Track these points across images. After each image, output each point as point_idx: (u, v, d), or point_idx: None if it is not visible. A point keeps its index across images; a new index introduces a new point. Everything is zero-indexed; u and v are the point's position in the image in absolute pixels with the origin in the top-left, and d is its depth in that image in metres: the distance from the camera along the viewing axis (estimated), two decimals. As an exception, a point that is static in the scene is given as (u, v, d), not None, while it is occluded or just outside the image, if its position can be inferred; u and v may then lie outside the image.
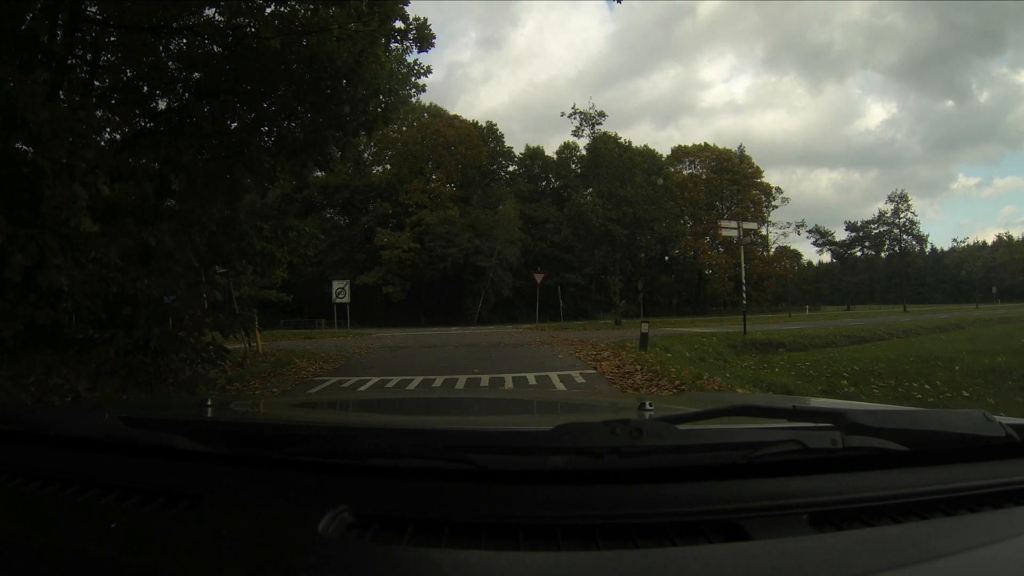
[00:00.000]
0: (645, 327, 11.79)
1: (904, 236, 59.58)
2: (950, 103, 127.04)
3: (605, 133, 31.04)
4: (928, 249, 67.80)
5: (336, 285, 26.14)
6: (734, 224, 18.15)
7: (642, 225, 30.64)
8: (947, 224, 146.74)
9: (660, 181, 29.90)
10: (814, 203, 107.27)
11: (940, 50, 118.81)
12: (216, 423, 1.12)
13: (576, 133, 30.78)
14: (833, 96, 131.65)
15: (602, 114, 30.86)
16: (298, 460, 0.87)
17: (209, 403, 1.28)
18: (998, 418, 0.91)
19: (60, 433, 1.02)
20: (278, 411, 1.75)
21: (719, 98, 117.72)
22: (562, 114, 30.67)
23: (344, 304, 25.87)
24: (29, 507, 0.86)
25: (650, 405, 1.20)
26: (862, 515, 0.77)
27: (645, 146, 54.95)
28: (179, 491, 0.84)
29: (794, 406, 0.91)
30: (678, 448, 0.82)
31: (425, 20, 7.85)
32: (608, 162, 30.54)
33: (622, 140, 32.45)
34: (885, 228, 59.98)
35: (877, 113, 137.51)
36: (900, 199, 59.93)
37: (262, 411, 1.72)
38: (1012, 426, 0.90)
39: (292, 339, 21.46)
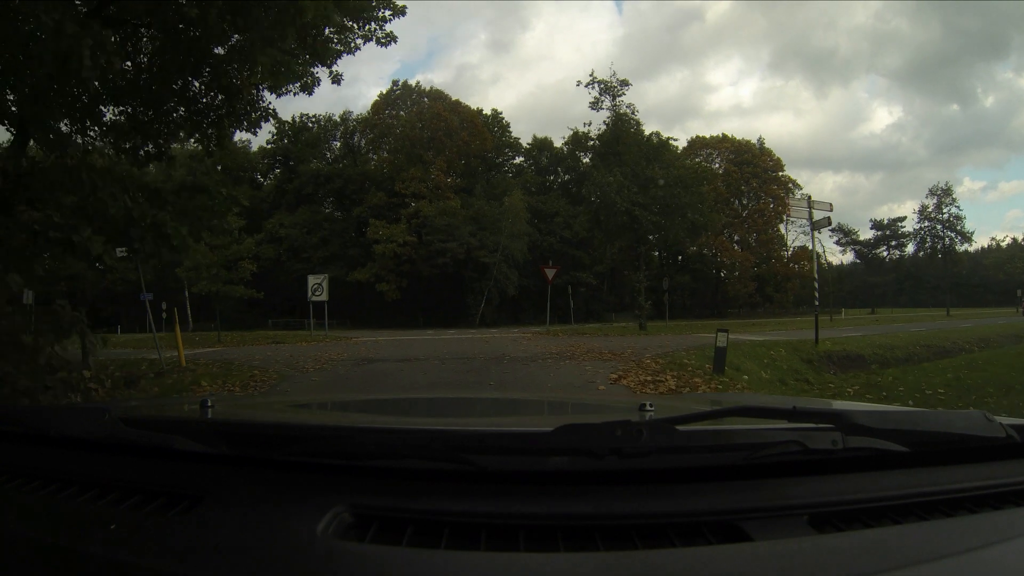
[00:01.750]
0: (722, 339, 7.97)
1: (948, 233, 54.75)
2: (955, 107, 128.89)
3: (630, 105, 26.89)
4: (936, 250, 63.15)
5: (312, 280, 22.52)
6: (804, 204, 14.31)
7: (673, 212, 26.43)
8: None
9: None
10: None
11: (945, 54, 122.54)
12: (216, 423, 1.10)
13: (594, 105, 26.56)
14: (839, 100, 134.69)
15: (625, 83, 26.58)
16: (298, 461, 0.88)
17: (209, 403, 1.27)
18: (998, 419, 0.92)
19: (60, 434, 1.03)
20: (278, 412, 1.75)
21: (725, 101, 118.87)
22: (578, 83, 26.46)
23: (322, 303, 21.98)
24: (29, 507, 0.88)
25: (650, 406, 1.19)
26: (863, 516, 0.79)
27: (657, 132, 51.35)
28: (179, 491, 0.86)
29: (794, 407, 0.92)
30: (679, 449, 0.83)
31: None
32: (631, 140, 26.36)
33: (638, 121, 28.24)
34: (927, 224, 55.22)
35: (882, 117, 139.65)
36: (944, 193, 55.12)
37: (262, 412, 1.71)
38: (1012, 426, 0.91)
39: (257, 343, 19.13)
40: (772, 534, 0.73)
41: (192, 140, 9.17)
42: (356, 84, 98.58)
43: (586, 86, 26.34)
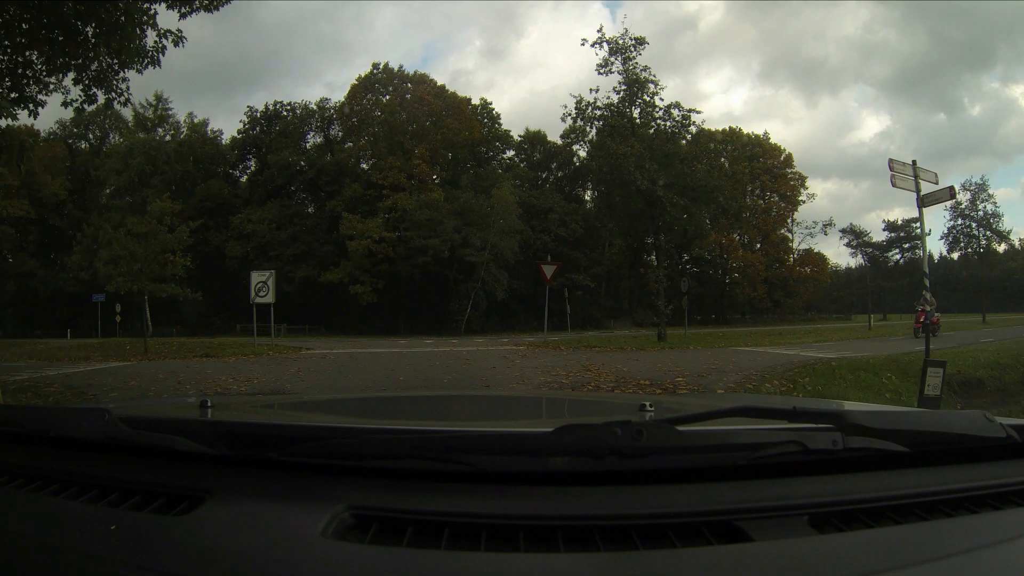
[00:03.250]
0: (936, 380, 3.95)
1: (984, 232, 50.65)
2: (942, 116, 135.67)
3: (646, 68, 22.47)
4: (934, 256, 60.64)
5: (255, 278, 18.71)
6: (909, 172, 10.34)
7: (700, 196, 22.08)
8: (940, 233, 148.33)
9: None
10: (807, 213, 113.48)
11: (932, 65, 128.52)
12: (216, 424, 1.14)
13: (602, 69, 22.12)
14: (828, 109, 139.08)
15: (641, 41, 22.25)
16: (298, 461, 0.91)
17: (209, 404, 1.31)
18: (999, 419, 0.95)
19: (60, 434, 1.05)
20: (278, 412, 1.79)
21: (716, 109, 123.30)
22: (583, 42, 21.70)
23: (267, 305, 17.82)
24: (29, 508, 0.90)
25: (650, 406, 1.22)
26: (863, 516, 0.81)
27: (678, 103, 48.30)
28: (179, 492, 0.88)
29: (795, 407, 0.94)
30: (679, 449, 0.86)
31: None
32: (648, 108, 22.00)
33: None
34: (960, 223, 51.08)
35: (871, 125, 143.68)
36: (978, 188, 50.76)
37: (262, 412, 1.74)
38: (1013, 426, 0.93)
39: (183, 356, 16.17)
40: (772, 534, 0.74)
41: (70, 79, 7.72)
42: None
43: (592, 45, 22.03)
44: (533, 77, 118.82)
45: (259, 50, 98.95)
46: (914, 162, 10.82)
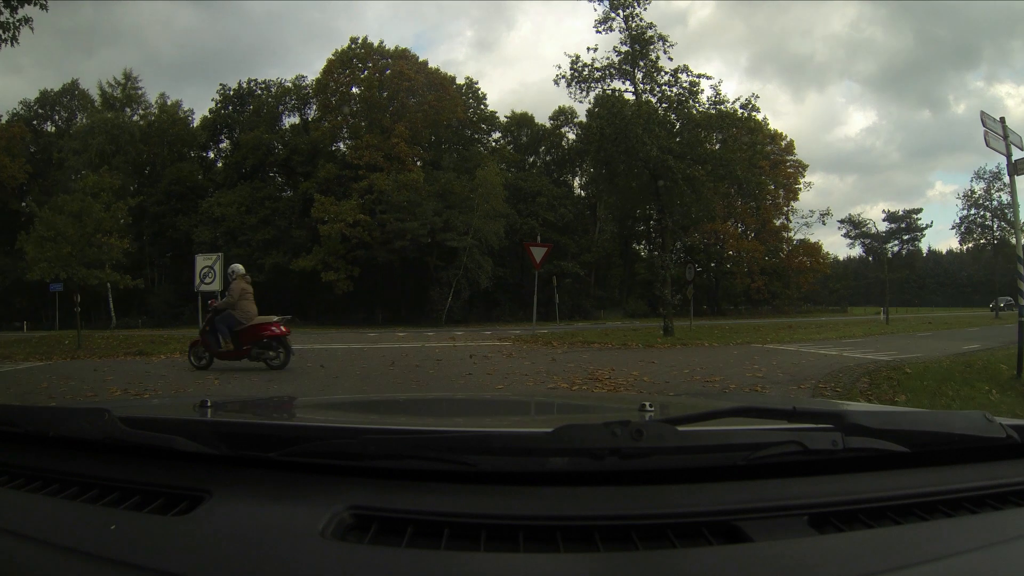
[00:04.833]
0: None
1: (1001, 224, 48.58)
2: (927, 113, 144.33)
3: (651, 26, 19.84)
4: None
5: (200, 263, 16.16)
6: (998, 130, 8.30)
7: (716, 169, 19.62)
8: (951, 223, 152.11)
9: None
10: (798, 203, 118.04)
11: (918, 63, 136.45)
12: (216, 424, 1.15)
13: (601, 26, 19.30)
14: (814, 104, 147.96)
15: None
16: (298, 461, 0.92)
17: (209, 404, 1.31)
18: (999, 419, 0.96)
19: (60, 434, 1.06)
20: (278, 412, 1.78)
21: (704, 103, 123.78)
22: None
23: (212, 293, 15.44)
24: (29, 508, 0.91)
25: (650, 406, 1.23)
26: (863, 516, 0.82)
27: (686, 67, 46.20)
28: (179, 492, 0.89)
29: (794, 407, 0.95)
30: (678, 449, 0.87)
31: None
32: (652, 68, 19.38)
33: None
34: (974, 212, 49.08)
35: (857, 121, 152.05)
36: (993, 177, 48.02)
37: (262, 412, 1.74)
38: (1013, 427, 0.95)
39: (113, 354, 14.16)
40: (772, 535, 0.75)
41: None
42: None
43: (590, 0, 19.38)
44: (523, 68, 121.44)
45: (248, 39, 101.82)
46: (1002, 119, 8.86)
